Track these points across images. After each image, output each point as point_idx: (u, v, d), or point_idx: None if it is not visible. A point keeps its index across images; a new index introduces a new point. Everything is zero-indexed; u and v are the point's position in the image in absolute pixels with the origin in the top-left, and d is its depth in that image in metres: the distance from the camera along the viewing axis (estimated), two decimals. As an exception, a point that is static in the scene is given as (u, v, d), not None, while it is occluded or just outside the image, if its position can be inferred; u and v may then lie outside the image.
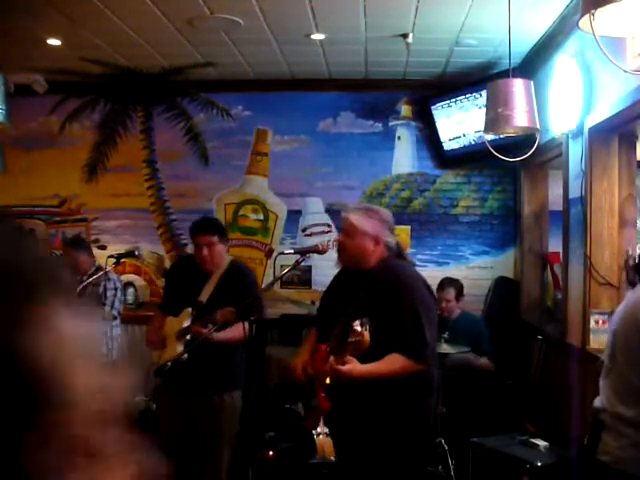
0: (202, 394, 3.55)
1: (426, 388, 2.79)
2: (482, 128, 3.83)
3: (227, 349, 3.51)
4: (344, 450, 2.93)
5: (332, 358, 2.65)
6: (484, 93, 4.42)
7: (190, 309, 3.54)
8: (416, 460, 2.84)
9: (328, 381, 2.73)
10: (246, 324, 3.43)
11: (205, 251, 3.57)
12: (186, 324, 3.51)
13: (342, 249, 2.88)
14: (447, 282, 5.00)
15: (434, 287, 4.86)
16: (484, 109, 3.92)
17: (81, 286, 4.17)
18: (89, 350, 0.79)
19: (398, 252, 2.89)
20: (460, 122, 5.57)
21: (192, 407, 3.57)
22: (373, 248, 2.81)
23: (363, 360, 2.61)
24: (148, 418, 4.63)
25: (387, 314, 2.67)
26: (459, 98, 5.53)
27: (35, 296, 0.74)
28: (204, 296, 3.57)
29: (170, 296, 3.81)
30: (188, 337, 3.47)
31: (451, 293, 4.93)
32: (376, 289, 2.75)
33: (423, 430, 2.81)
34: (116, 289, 4.55)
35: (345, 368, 2.60)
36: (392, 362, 2.63)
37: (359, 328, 2.48)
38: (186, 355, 3.43)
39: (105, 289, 4.47)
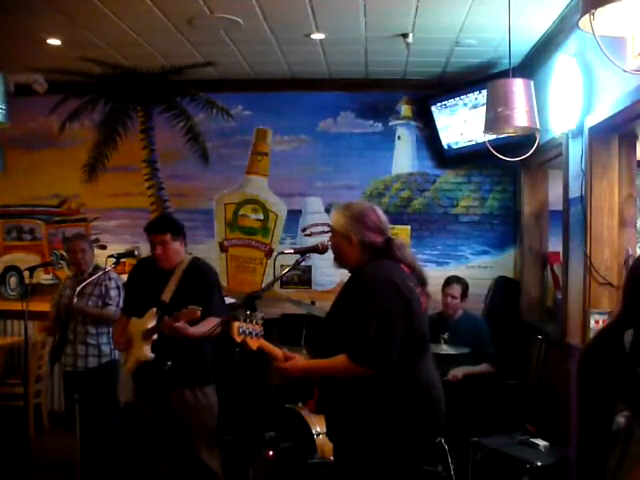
0: (173, 388, 3.56)
1: (410, 394, 2.60)
2: (481, 128, 3.83)
3: (194, 345, 3.51)
4: (336, 453, 2.84)
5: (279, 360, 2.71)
6: (484, 93, 4.42)
7: (155, 309, 3.56)
8: (405, 465, 2.67)
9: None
10: (217, 320, 3.45)
11: (159, 249, 3.62)
12: (151, 324, 3.54)
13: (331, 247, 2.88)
14: (454, 279, 5.01)
15: (438, 286, 4.90)
16: (482, 109, 3.92)
17: (80, 286, 4.17)
18: None
19: (386, 251, 2.72)
20: (460, 122, 5.57)
21: (167, 403, 3.60)
22: (345, 247, 2.72)
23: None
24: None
25: (345, 315, 2.62)
26: (459, 98, 5.53)
27: None
28: (166, 295, 3.60)
29: (132, 297, 3.84)
30: (155, 337, 3.50)
31: (457, 289, 4.91)
32: (345, 291, 2.73)
33: (412, 436, 2.62)
34: (118, 288, 4.52)
35: (286, 365, 2.66)
36: (335, 362, 2.57)
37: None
38: (153, 354, 3.49)
39: (107, 288, 4.44)
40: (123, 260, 4.39)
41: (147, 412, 3.70)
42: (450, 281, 4.98)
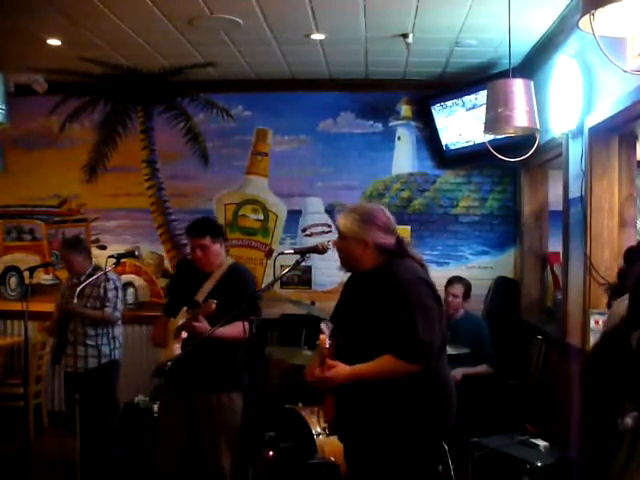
0: (200, 392, 3.56)
1: (431, 391, 2.64)
2: (481, 129, 3.83)
3: (224, 349, 3.50)
4: (351, 456, 2.84)
5: (317, 369, 2.61)
6: (482, 93, 4.41)
7: (186, 308, 3.55)
8: (424, 464, 2.71)
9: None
10: (246, 323, 3.44)
11: (199, 253, 3.60)
12: (181, 323, 3.53)
13: (337, 251, 2.81)
14: (456, 279, 5.03)
15: (438, 286, 4.90)
16: (481, 110, 3.91)
17: (79, 287, 4.16)
18: None
19: (399, 251, 2.73)
20: (459, 122, 5.57)
21: (191, 405, 3.59)
22: (362, 252, 2.70)
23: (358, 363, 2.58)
24: (149, 418, 4.64)
25: (381, 316, 2.58)
26: (458, 99, 5.53)
27: None
28: (201, 296, 3.58)
29: (172, 297, 3.84)
30: (184, 335, 3.48)
31: (459, 289, 4.93)
32: (372, 291, 2.67)
33: (432, 433, 2.67)
34: (116, 289, 4.51)
35: (328, 374, 2.57)
36: (382, 363, 2.54)
37: (321, 332, 2.49)
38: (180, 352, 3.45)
39: (105, 290, 4.42)
40: (123, 260, 4.40)
41: (169, 410, 3.68)
42: (452, 281, 5.01)
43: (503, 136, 4.06)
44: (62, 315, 4.41)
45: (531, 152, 3.98)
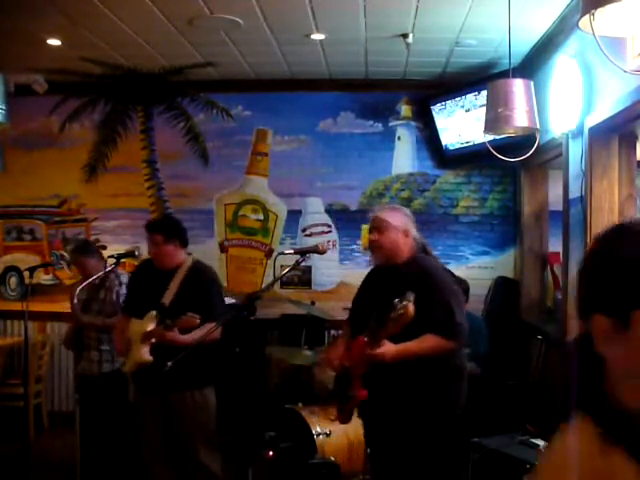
0: (172, 392, 3.58)
1: (456, 372, 3.02)
2: (481, 129, 3.83)
3: (195, 348, 3.51)
4: (376, 439, 3.13)
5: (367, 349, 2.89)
6: (482, 94, 4.41)
7: (154, 312, 3.55)
8: (449, 445, 3.04)
9: (363, 371, 2.94)
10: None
11: (151, 248, 3.71)
12: (150, 327, 3.53)
13: (376, 247, 3.10)
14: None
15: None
16: (480, 110, 3.91)
17: (79, 288, 4.14)
18: None
19: (423, 247, 3.13)
20: (459, 123, 5.57)
21: (166, 405, 3.61)
22: (404, 240, 3.05)
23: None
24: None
25: (419, 302, 2.80)
26: (458, 99, 5.53)
27: None
28: (167, 298, 3.59)
29: (134, 297, 3.84)
30: (154, 340, 3.49)
31: None
32: (407, 281, 2.92)
33: (455, 413, 3.03)
34: None
35: (379, 350, 2.81)
36: (425, 340, 2.86)
37: (402, 302, 2.67)
38: (151, 357, 3.48)
39: (118, 295, 4.38)
40: (123, 260, 4.39)
41: (148, 413, 3.70)
42: None
43: (503, 136, 4.06)
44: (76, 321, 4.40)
45: (531, 152, 3.98)
